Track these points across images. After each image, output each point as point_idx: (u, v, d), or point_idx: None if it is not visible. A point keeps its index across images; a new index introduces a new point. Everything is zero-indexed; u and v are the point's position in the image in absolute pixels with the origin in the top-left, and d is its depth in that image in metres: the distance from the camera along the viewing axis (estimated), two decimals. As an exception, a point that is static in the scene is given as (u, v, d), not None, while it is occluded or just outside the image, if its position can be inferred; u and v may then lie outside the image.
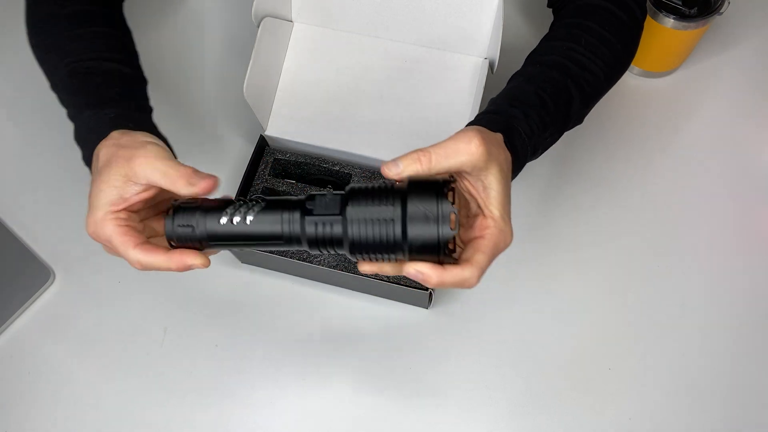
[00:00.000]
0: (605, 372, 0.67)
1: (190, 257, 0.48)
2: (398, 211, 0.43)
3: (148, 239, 0.50)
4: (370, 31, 0.74)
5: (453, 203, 0.43)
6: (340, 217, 0.44)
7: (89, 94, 0.57)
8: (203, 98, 0.80)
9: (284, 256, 0.67)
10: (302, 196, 0.47)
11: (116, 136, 0.52)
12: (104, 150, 0.51)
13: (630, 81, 0.82)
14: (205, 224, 0.47)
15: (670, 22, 0.73)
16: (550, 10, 0.67)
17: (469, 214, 0.49)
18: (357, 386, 0.67)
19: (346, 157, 0.72)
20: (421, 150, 0.45)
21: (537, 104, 0.55)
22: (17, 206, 0.77)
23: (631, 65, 0.81)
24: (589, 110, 0.61)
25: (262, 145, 0.73)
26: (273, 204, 0.46)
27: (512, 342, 0.69)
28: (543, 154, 0.75)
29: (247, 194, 0.71)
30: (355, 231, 0.44)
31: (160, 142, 0.52)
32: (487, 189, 0.47)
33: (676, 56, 0.79)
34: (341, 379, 0.68)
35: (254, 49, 0.68)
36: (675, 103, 0.80)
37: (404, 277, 0.66)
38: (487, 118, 0.54)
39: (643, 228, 0.73)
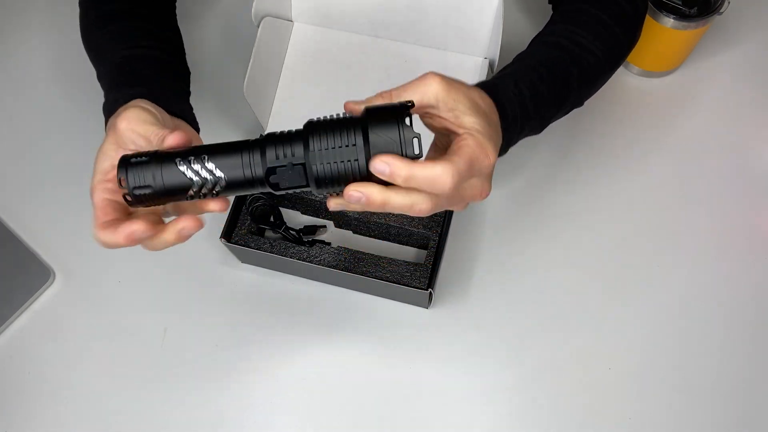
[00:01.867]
0: (605, 372, 0.67)
1: (148, 230, 0.46)
2: (360, 140, 0.42)
3: (130, 214, 0.48)
4: (370, 31, 0.74)
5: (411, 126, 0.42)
6: (303, 164, 0.43)
7: (123, 77, 0.57)
8: (203, 97, 0.80)
9: (284, 256, 0.67)
10: (259, 138, 0.45)
11: (121, 109, 0.51)
12: (109, 121, 0.51)
13: (630, 81, 0.82)
14: (166, 187, 0.44)
15: (670, 22, 0.73)
16: (551, 6, 0.67)
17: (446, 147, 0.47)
18: (357, 386, 0.67)
19: (346, 157, 0.72)
20: (383, 91, 0.45)
21: (533, 75, 0.54)
22: (17, 206, 0.77)
23: (631, 65, 0.81)
24: (591, 93, 0.62)
25: (262, 145, 0.73)
26: (228, 149, 0.44)
27: (512, 342, 0.69)
28: (542, 154, 0.75)
29: (246, 195, 0.71)
30: (320, 169, 0.43)
31: (153, 108, 0.50)
32: (456, 112, 0.45)
33: (676, 56, 0.79)
34: (341, 379, 0.68)
35: (254, 48, 0.68)
36: (675, 103, 0.80)
37: (404, 277, 0.66)
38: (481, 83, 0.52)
39: (643, 228, 0.73)
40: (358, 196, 0.43)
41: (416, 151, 0.42)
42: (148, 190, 0.44)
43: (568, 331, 0.69)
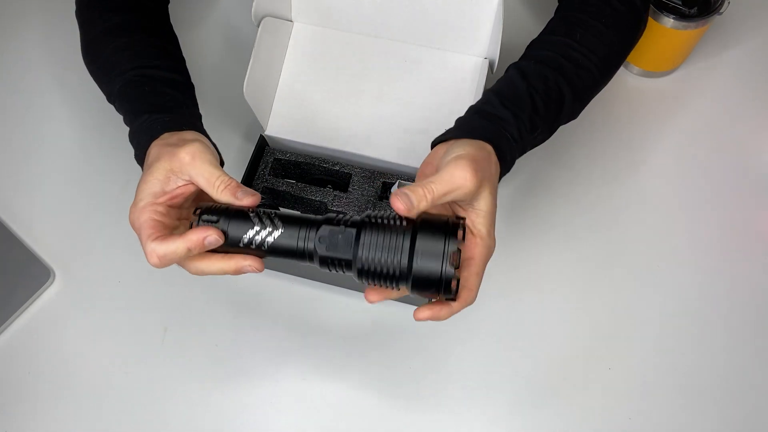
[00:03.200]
0: (605, 372, 0.67)
1: (208, 231, 0.49)
2: (407, 244, 0.46)
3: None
4: (370, 31, 0.74)
5: (460, 241, 0.46)
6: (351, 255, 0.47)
7: (145, 102, 0.59)
8: (203, 98, 0.80)
9: (284, 256, 0.68)
10: (318, 218, 0.49)
11: (166, 137, 0.55)
12: (154, 149, 0.54)
13: (630, 81, 0.82)
14: (227, 242, 0.49)
15: (670, 22, 0.73)
16: (553, 5, 0.67)
17: None
18: (357, 386, 0.67)
19: (346, 157, 0.72)
20: (425, 186, 0.47)
21: (528, 106, 0.56)
22: (17, 206, 0.77)
23: (631, 65, 0.81)
24: (584, 105, 0.62)
25: (262, 145, 0.73)
26: (289, 228, 0.49)
27: (512, 342, 0.69)
28: (543, 155, 0.75)
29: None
30: (365, 262, 0.46)
31: (208, 143, 0.55)
32: (477, 210, 0.51)
33: (676, 56, 0.79)
34: (341, 379, 0.68)
35: (254, 48, 0.68)
36: (675, 103, 0.80)
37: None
38: (480, 124, 0.55)
39: (643, 228, 0.73)
40: (424, 317, 0.51)
41: (453, 264, 0.46)
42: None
43: (568, 331, 0.69)
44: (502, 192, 0.75)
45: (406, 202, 0.46)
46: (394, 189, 0.67)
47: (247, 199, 0.49)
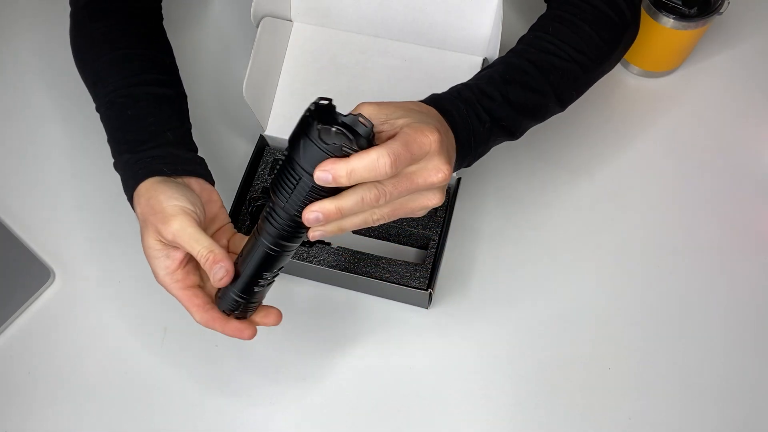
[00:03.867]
0: (605, 372, 0.67)
1: (243, 329, 0.56)
2: (298, 170, 0.45)
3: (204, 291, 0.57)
4: (369, 31, 0.74)
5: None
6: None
7: (127, 133, 0.61)
8: (202, 98, 0.80)
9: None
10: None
11: (145, 194, 0.56)
12: (138, 208, 0.57)
13: (630, 81, 0.82)
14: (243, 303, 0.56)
15: (670, 22, 0.73)
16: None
17: None
18: (357, 386, 0.67)
19: (345, 157, 0.72)
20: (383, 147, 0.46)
21: (482, 79, 0.57)
22: (17, 206, 0.77)
23: (631, 65, 0.81)
24: (568, 96, 0.62)
25: (262, 145, 0.73)
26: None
27: (512, 342, 0.69)
28: (542, 154, 0.75)
29: (246, 194, 0.71)
30: (287, 210, 0.47)
31: (188, 203, 0.55)
32: (389, 121, 0.47)
33: (676, 56, 0.79)
34: (341, 379, 0.68)
35: (253, 49, 0.68)
36: (675, 103, 0.80)
37: (404, 277, 0.66)
38: (427, 98, 0.56)
39: (643, 228, 0.73)
40: (315, 216, 0.45)
41: (352, 145, 0.44)
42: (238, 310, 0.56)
43: (568, 331, 0.69)
44: (502, 192, 0.75)
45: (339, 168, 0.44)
46: None
47: (224, 279, 0.53)
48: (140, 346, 0.70)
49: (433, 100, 0.54)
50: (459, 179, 0.70)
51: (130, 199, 0.59)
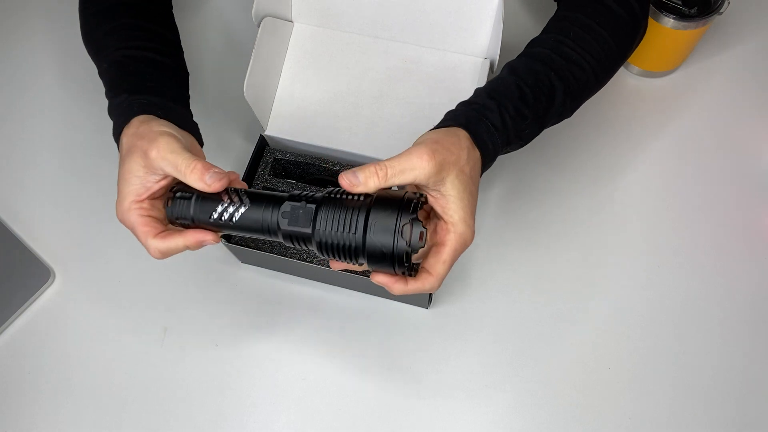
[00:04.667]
0: (605, 372, 0.67)
1: (204, 235, 0.52)
2: (362, 218, 0.46)
3: (166, 226, 0.54)
4: (370, 32, 0.74)
5: (418, 219, 0.46)
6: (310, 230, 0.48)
7: (125, 81, 0.60)
8: (203, 98, 0.80)
9: (284, 256, 0.67)
10: (284, 194, 0.50)
11: (136, 124, 0.55)
12: (125, 139, 0.55)
13: (630, 81, 0.82)
14: (198, 218, 0.52)
15: (670, 22, 0.73)
16: (553, 6, 0.67)
17: (431, 222, 0.53)
18: (357, 386, 0.67)
19: (346, 157, 0.72)
20: (378, 164, 0.48)
21: (515, 96, 0.56)
22: (17, 206, 0.77)
23: (631, 65, 0.81)
24: (579, 104, 0.62)
25: (262, 145, 0.74)
26: (255, 204, 0.50)
27: (512, 342, 0.69)
28: (543, 155, 0.75)
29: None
30: (323, 236, 0.48)
31: (177, 132, 0.55)
32: (444, 196, 0.50)
33: (676, 56, 0.79)
34: (341, 379, 0.68)
35: (254, 49, 0.68)
36: (675, 103, 0.80)
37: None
38: (461, 112, 0.56)
39: (644, 228, 0.73)
40: (379, 284, 0.51)
41: (416, 243, 0.46)
42: (186, 221, 0.53)
43: (568, 331, 0.69)
44: (502, 192, 0.75)
45: (350, 178, 0.47)
46: None
47: (216, 184, 0.51)
48: (140, 346, 0.70)
49: (478, 139, 0.54)
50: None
51: (118, 137, 0.57)
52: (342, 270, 0.52)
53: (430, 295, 0.65)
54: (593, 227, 0.74)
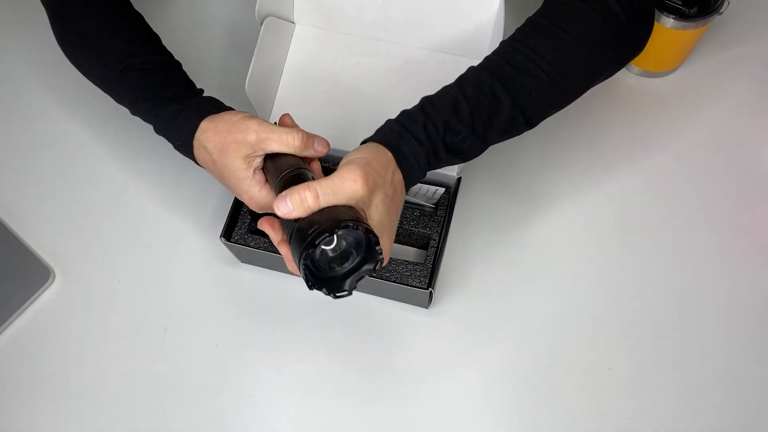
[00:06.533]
0: (605, 372, 0.67)
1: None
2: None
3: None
4: (371, 34, 0.74)
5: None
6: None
7: (162, 90, 0.62)
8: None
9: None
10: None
11: (207, 127, 0.58)
12: (211, 141, 0.58)
13: (630, 81, 0.82)
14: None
15: (670, 22, 0.73)
16: None
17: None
18: (357, 386, 0.67)
19: (346, 157, 0.72)
20: (308, 188, 0.48)
21: (448, 110, 0.55)
22: (17, 206, 0.77)
23: (631, 65, 0.81)
24: (542, 115, 0.58)
25: (263, 145, 0.73)
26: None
27: (512, 342, 0.69)
28: (542, 155, 0.75)
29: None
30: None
31: (245, 112, 0.58)
32: (370, 219, 0.51)
33: (676, 56, 0.79)
34: (341, 379, 0.68)
35: (256, 47, 0.68)
36: (675, 103, 0.80)
37: (404, 276, 0.66)
38: (389, 127, 0.56)
39: (644, 228, 0.73)
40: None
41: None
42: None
43: (568, 331, 0.69)
44: (502, 192, 0.75)
45: (282, 205, 0.48)
46: None
47: (322, 147, 0.56)
48: (140, 346, 0.70)
49: (401, 158, 0.54)
50: (459, 179, 0.70)
51: (185, 146, 0.60)
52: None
53: (431, 293, 0.65)
54: (593, 227, 0.74)
